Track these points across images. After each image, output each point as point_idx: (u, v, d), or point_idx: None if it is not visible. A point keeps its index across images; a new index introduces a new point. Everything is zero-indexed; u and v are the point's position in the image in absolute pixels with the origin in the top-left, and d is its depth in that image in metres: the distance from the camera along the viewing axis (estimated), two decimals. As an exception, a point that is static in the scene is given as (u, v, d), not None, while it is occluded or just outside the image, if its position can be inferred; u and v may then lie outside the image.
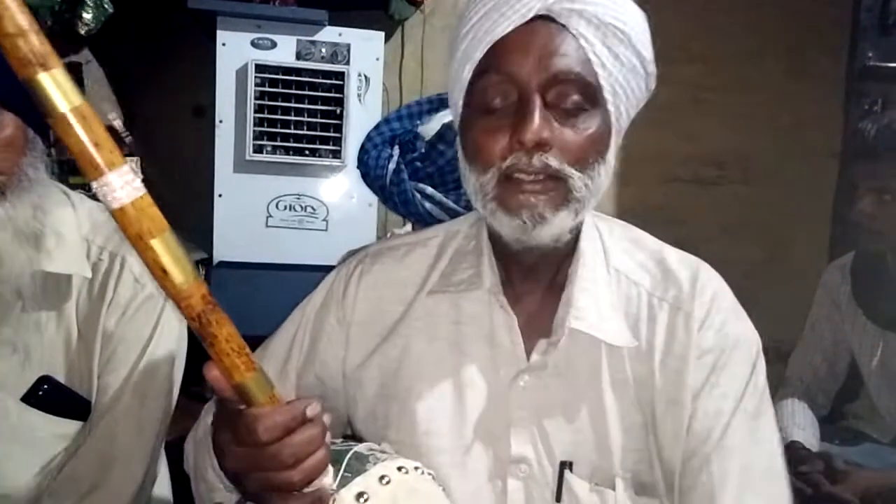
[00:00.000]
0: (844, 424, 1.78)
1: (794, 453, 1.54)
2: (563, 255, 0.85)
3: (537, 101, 0.74)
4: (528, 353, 0.84)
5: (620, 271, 0.86)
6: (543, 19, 0.75)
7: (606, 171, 0.79)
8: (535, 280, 0.86)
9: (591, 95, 0.76)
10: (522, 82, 0.75)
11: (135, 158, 2.56)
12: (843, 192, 2.61)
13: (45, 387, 1.03)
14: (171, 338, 1.09)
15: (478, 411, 0.84)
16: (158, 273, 0.54)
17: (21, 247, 0.98)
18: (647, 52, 0.79)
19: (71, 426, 1.05)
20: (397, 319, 0.90)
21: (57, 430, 1.04)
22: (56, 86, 0.49)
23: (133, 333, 1.05)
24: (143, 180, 0.55)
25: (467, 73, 0.79)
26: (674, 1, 2.81)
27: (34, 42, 0.48)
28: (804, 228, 2.87)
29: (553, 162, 0.74)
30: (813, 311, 1.80)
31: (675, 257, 0.88)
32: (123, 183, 0.52)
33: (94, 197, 1.15)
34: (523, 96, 0.75)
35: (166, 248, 0.54)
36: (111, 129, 2.56)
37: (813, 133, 2.85)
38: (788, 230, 2.91)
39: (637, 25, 0.78)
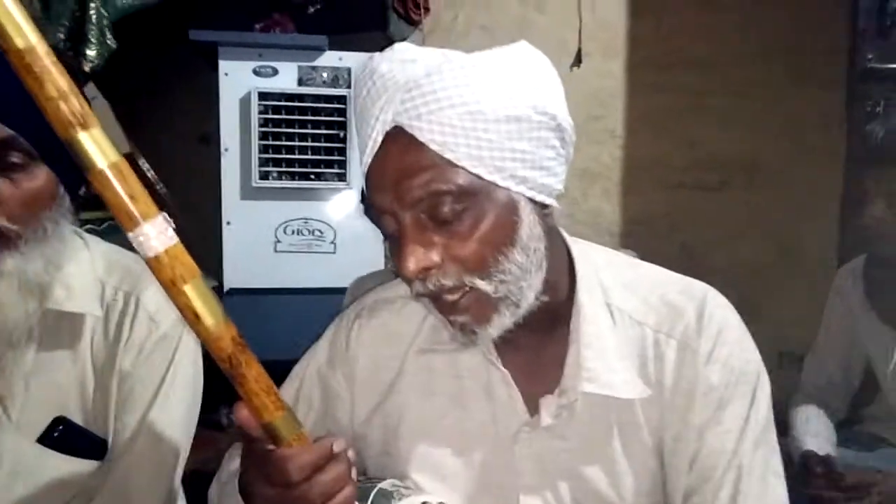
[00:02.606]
0: (861, 429, 1.76)
1: (807, 463, 1.53)
2: (558, 305, 0.82)
3: (406, 231, 0.72)
4: (530, 405, 0.82)
5: (623, 311, 0.82)
6: (398, 136, 0.71)
7: (526, 250, 0.73)
8: (530, 330, 0.80)
9: (467, 192, 0.70)
10: (391, 214, 0.73)
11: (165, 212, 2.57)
12: (849, 195, 2.60)
13: (61, 427, 1.03)
14: (186, 376, 1.09)
15: (483, 466, 0.83)
16: (191, 317, 0.56)
17: (23, 298, 0.97)
18: (524, 105, 0.71)
19: (89, 466, 1.05)
20: (395, 375, 0.88)
21: (75, 470, 1.04)
22: (95, 144, 0.52)
23: (149, 373, 1.05)
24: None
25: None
26: (672, 6, 2.84)
27: (74, 104, 0.51)
28: (810, 232, 2.86)
29: (448, 280, 0.72)
30: (826, 316, 1.79)
31: (680, 288, 0.84)
32: (158, 233, 0.54)
33: (102, 232, 1.16)
34: (398, 225, 0.73)
35: (198, 294, 0.56)
36: (144, 177, 2.58)
37: (816, 136, 2.84)
38: (794, 234, 2.90)
39: (490, 94, 0.70)
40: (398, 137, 0.71)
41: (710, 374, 0.79)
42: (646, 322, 0.82)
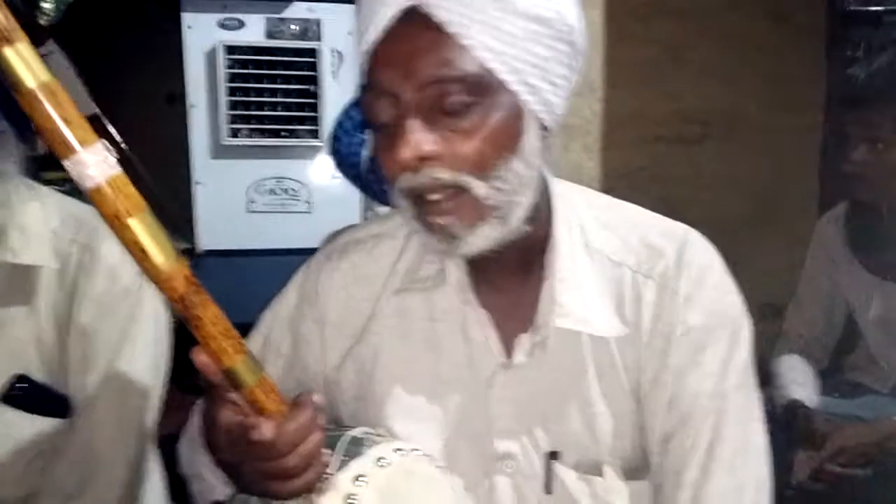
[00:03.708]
0: (843, 377, 1.77)
1: (792, 412, 1.54)
2: (536, 241, 0.79)
3: (410, 115, 0.68)
4: (506, 345, 0.81)
5: (602, 252, 0.80)
6: (412, 18, 0.67)
7: (526, 162, 0.71)
8: (506, 269, 0.80)
9: (479, 85, 0.67)
10: (394, 95, 0.68)
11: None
12: (830, 143, 2.59)
13: (23, 385, 1.00)
14: (149, 330, 1.05)
15: (458, 410, 0.82)
16: (138, 254, 0.53)
17: None
18: (551, 9, 0.69)
19: (52, 424, 1.02)
20: (368, 317, 0.86)
21: (38, 429, 1.02)
22: (22, 61, 0.49)
23: (109, 328, 1.02)
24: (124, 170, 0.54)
25: (360, 87, 0.74)
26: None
27: None
28: (792, 182, 2.86)
29: (443, 174, 0.68)
30: (807, 265, 1.78)
31: (661, 229, 0.82)
32: (97, 161, 0.51)
33: (67, 193, 1.12)
34: (398, 110, 0.69)
35: (145, 228, 0.53)
36: (111, 139, 2.51)
37: (796, 85, 2.82)
38: (776, 185, 2.89)
39: None
40: (413, 17, 0.67)
41: (689, 316, 0.78)
42: (624, 262, 0.80)
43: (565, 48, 0.71)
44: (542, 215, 0.79)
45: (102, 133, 2.59)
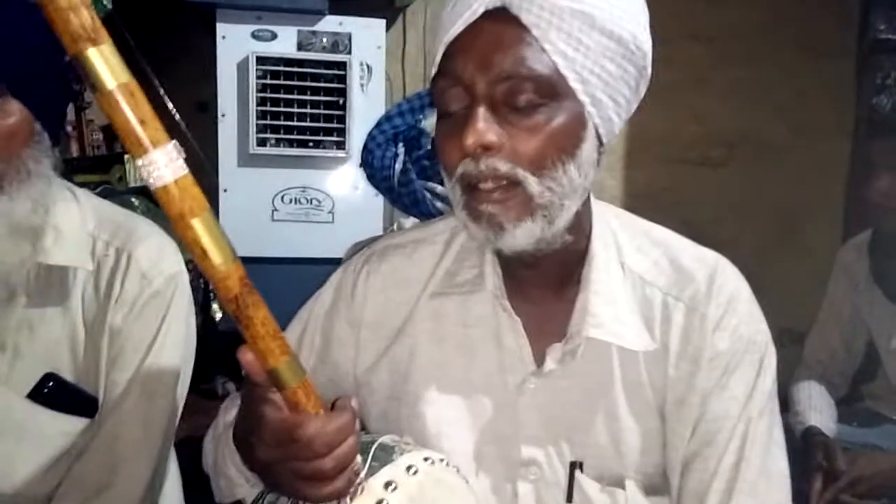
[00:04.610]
0: (862, 406, 1.75)
1: (810, 440, 1.53)
2: (573, 254, 0.82)
3: (480, 103, 0.70)
4: (537, 355, 0.82)
5: (635, 272, 0.83)
6: (497, 15, 0.71)
7: (581, 170, 0.73)
8: (543, 279, 0.83)
9: (550, 88, 0.70)
10: (468, 84, 0.71)
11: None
12: (857, 169, 2.57)
13: (51, 384, 1.02)
14: (178, 334, 1.07)
15: (487, 415, 0.83)
16: (198, 253, 0.55)
17: (16, 242, 0.96)
18: (627, 30, 0.72)
19: (79, 423, 1.04)
20: (405, 320, 0.88)
21: (65, 428, 1.03)
22: (105, 61, 0.50)
23: (140, 330, 1.04)
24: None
25: (431, 76, 0.77)
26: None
27: (85, 16, 0.49)
28: (816, 207, 2.83)
29: (502, 165, 0.70)
30: (830, 291, 1.77)
31: (692, 254, 0.84)
32: (168, 161, 0.52)
33: (100, 195, 1.15)
34: (469, 99, 0.72)
35: (207, 229, 0.55)
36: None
37: (824, 109, 2.81)
38: (800, 209, 2.87)
39: (605, 4, 0.71)
40: (498, 15, 0.70)
41: (717, 340, 0.80)
42: (656, 283, 0.82)
43: (633, 71, 0.74)
44: (582, 229, 0.81)
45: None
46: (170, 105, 2.50)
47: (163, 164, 0.52)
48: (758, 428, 0.79)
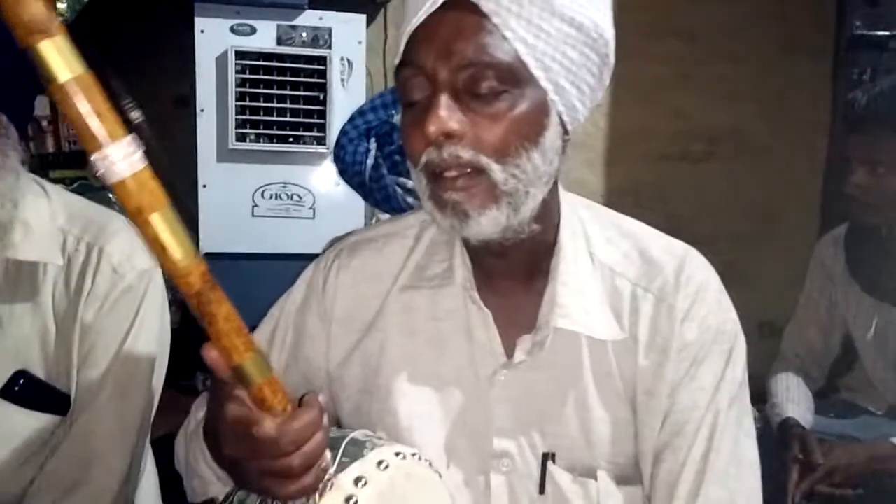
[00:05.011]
0: (839, 397, 1.77)
1: (787, 431, 1.54)
2: (541, 245, 0.82)
3: (442, 91, 0.70)
4: (508, 347, 0.82)
5: (605, 263, 0.83)
6: (457, 4, 0.70)
7: (545, 157, 0.73)
8: (512, 271, 0.83)
9: (511, 76, 0.70)
10: (430, 73, 0.71)
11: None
12: (833, 164, 2.60)
13: (22, 381, 1.01)
14: (152, 330, 1.06)
15: (459, 408, 0.83)
16: (157, 249, 0.54)
17: None
18: (588, 17, 0.72)
19: (51, 421, 1.03)
20: (376, 314, 0.87)
21: (36, 425, 1.02)
22: (58, 53, 0.49)
23: (112, 326, 1.03)
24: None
25: (394, 66, 0.77)
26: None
27: (38, 8, 0.48)
28: (794, 202, 2.86)
29: (465, 153, 0.70)
30: (807, 285, 1.79)
31: (661, 246, 0.85)
32: (124, 155, 0.51)
33: (73, 191, 1.13)
34: (432, 87, 0.72)
35: (166, 224, 0.54)
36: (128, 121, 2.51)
37: (802, 106, 2.83)
38: (779, 205, 2.90)
39: None
40: (459, 4, 0.70)
41: (685, 331, 0.80)
42: (625, 274, 0.83)
43: (596, 58, 0.75)
44: (550, 219, 0.81)
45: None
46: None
47: (118, 158, 0.51)
48: (727, 418, 0.79)
